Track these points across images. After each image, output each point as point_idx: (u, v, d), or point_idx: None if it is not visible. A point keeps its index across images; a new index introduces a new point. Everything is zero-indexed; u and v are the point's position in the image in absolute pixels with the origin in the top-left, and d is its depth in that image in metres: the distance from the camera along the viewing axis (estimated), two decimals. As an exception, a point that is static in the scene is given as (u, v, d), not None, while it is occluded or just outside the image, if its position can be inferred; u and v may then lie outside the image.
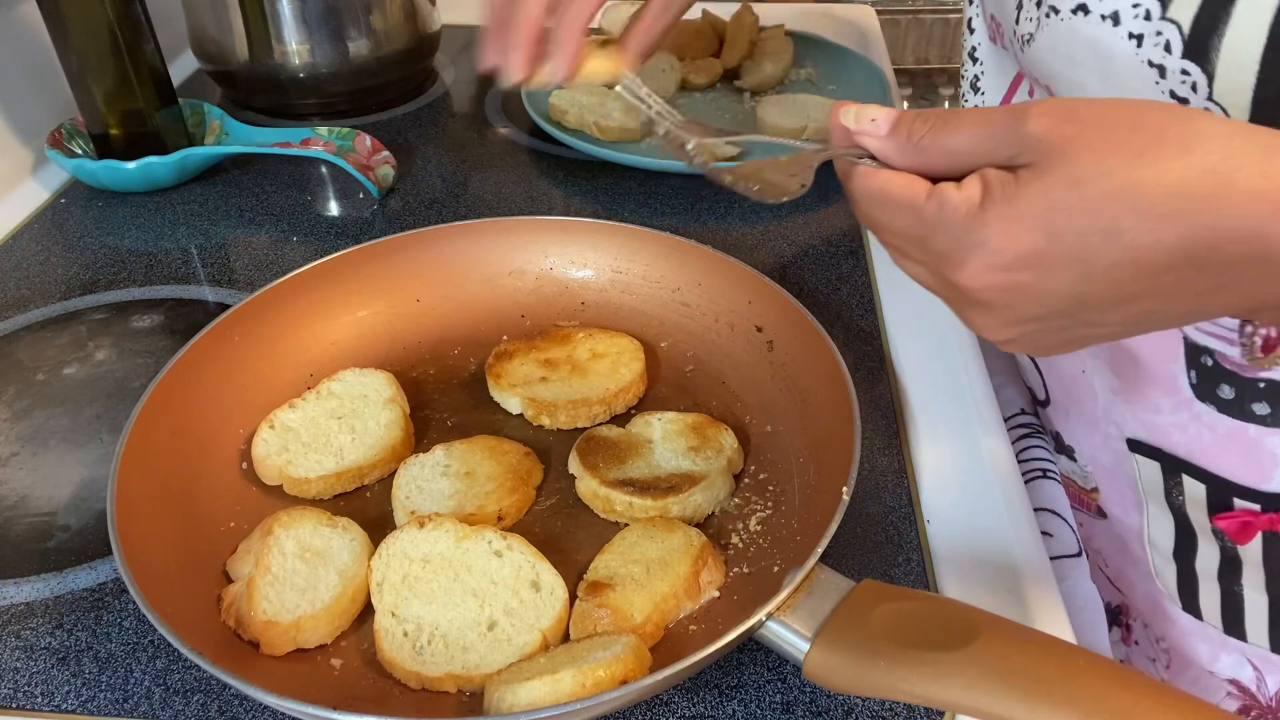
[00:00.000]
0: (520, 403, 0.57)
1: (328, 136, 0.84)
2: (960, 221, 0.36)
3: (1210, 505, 0.54)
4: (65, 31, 0.75)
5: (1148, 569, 0.61)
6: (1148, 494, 0.58)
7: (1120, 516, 0.62)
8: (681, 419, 0.55)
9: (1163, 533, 0.58)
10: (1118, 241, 0.33)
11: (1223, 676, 0.60)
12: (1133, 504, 0.60)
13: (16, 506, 0.54)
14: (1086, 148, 0.33)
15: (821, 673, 0.40)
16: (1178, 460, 0.54)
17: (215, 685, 0.44)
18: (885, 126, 0.39)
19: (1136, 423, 0.55)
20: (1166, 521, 0.58)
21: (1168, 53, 0.42)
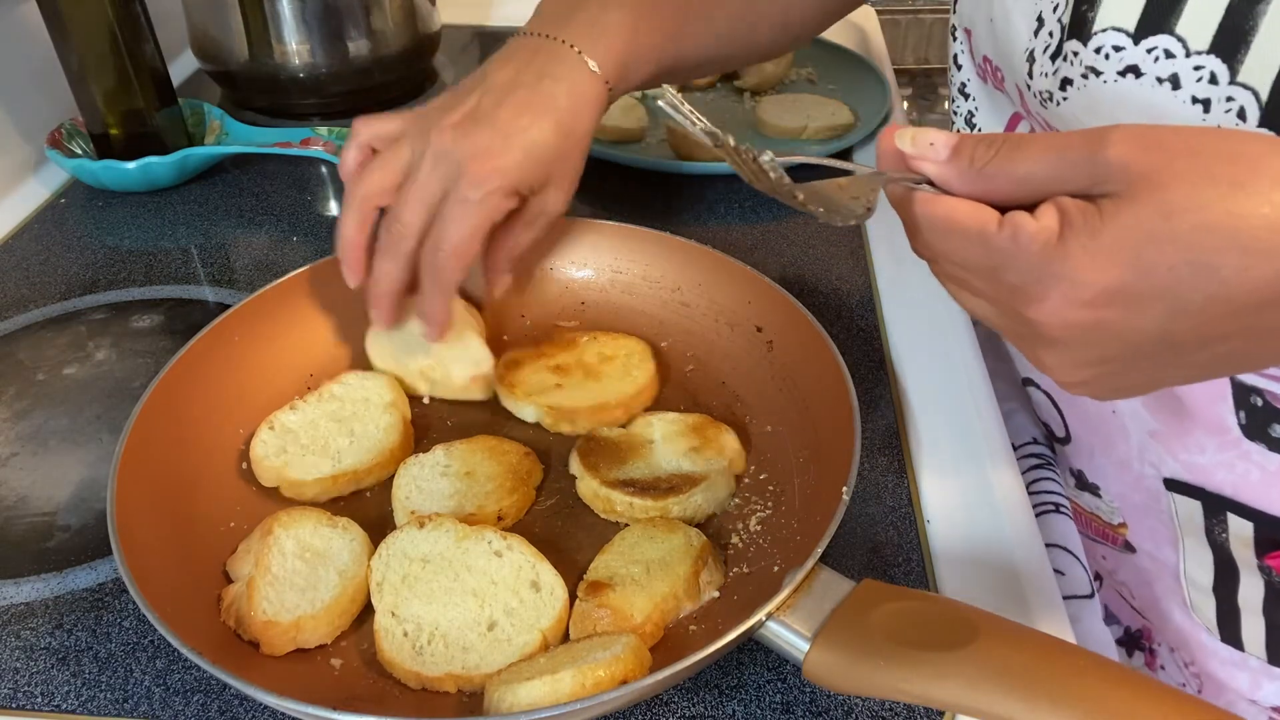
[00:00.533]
0: (538, 411, 0.57)
1: (328, 136, 0.84)
2: (1038, 253, 0.33)
3: (1258, 543, 0.52)
4: (65, 31, 0.75)
5: (1182, 601, 0.60)
6: (1185, 530, 0.56)
7: (1152, 552, 0.60)
8: (683, 419, 0.55)
9: (1201, 568, 0.57)
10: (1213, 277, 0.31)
11: (1266, 705, 0.58)
12: (1167, 540, 0.58)
13: (16, 506, 0.54)
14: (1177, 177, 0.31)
15: (821, 673, 0.40)
16: (1222, 499, 0.52)
17: (215, 685, 0.44)
18: (945, 151, 0.36)
19: (1176, 463, 0.53)
20: (1205, 556, 0.56)
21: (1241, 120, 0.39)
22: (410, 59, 0.97)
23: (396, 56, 0.95)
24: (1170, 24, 0.40)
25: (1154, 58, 0.41)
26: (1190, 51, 0.40)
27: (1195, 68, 0.40)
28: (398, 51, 0.95)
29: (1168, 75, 0.41)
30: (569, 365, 0.59)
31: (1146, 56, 0.42)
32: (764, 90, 0.98)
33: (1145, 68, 0.42)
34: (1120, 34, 0.42)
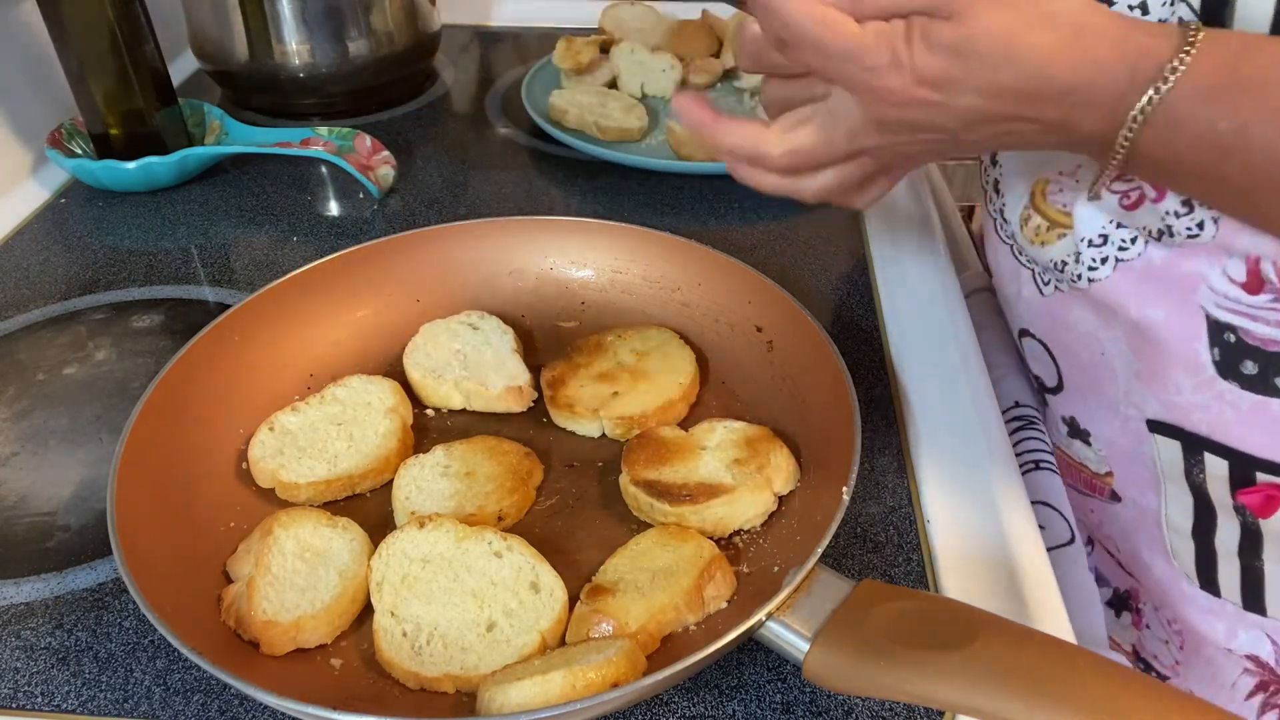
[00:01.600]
0: (606, 425, 0.56)
1: (328, 136, 0.84)
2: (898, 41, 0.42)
3: (1233, 481, 0.55)
4: (65, 31, 0.75)
5: (1164, 549, 0.61)
6: (1167, 474, 0.58)
7: (1136, 499, 0.62)
8: (744, 430, 0.53)
9: (1181, 512, 0.59)
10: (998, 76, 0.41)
11: (1240, 653, 0.60)
12: (1150, 485, 0.60)
13: (16, 506, 0.54)
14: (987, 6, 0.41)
15: (821, 673, 0.40)
16: (1199, 438, 0.55)
17: (215, 685, 0.44)
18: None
19: (1157, 403, 0.56)
20: (1185, 500, 0.58)
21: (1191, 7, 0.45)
22: (410, 59, 0.97)
23: (396, 56, 0.95)
24: None
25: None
26: None
27: None
28: (398, 51, 0.95)
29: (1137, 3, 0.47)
30: (613, 371, 0.59)
31: None
32: (764, 90, 0.98)
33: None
34: None
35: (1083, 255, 0.54)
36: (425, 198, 0.82)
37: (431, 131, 0.94)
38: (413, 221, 0.79)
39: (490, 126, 0.95)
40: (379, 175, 0.81)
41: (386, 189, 0.82)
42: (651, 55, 0.96)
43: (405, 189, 0.84)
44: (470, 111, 0.98)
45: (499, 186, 0.84)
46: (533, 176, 0.86)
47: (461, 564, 0.46)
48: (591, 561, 0.48)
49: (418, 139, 0.92)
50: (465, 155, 0.89)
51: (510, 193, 0.83)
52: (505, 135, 0.93)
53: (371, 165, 0.82)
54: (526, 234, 0.67)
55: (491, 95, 1.01)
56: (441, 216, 0.80)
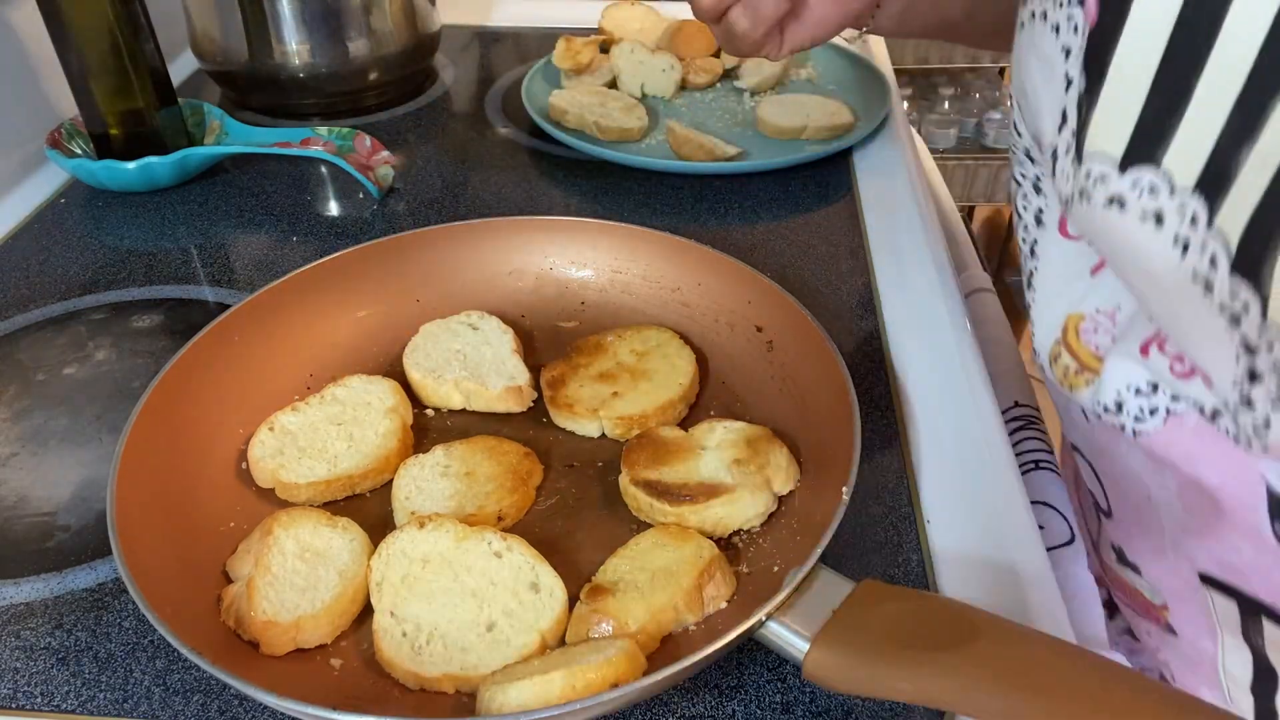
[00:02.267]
0: (606, 425, 0.56)
1: (328, 136, 0.84)
2: None
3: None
4: (65, 31, 0.75)
5: (1222, 694, 0.57)
6: (1223, 625, 0.53)
7: (1193, 640, 0.57)
8: (744, 429, 0.53)
9: (1240, 664, 0.54)
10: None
11: None
12: (1206, 630, 0.55)
13: (16, 506, 0.54)
14: None
15: (821, 673, 0.40)
16: (1258, 603, 0.50)
17: (215, 685, 0.44)
18: None
19: (1211, 560, 0.51)
20: (1243, 653, 0.53)
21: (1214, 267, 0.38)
22: (410, 59, 0.97)
23: (396, 56, 0.95)
24: (1158, 154, 0.38)
25: (1138, 192, 0.39)
26: (1175, 188, 0.38)
27: (1180, 206, 0.38)
28: (398, 51, 0.95)
29: (1152, 211, 0.39)
30: (613, 371, 0.59)
31: (1129, 189, 0.40)
32: (764, 90, 0.98)
33: (1129, 200, 0.40)
34: (1107, 161, 0.40)
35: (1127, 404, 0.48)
36: (425, 198, 0.82)
37: (431, 131, 0.94)
38: (413, 221, 0.79)
39: (490, 126, 0.95)
40: (379, 175, 0.81)
41: (386, 189, 0.82)
42: (651, 55, 0.96)
43: (405, 189, 0.84)
44: (470, 111, 0.98)
45: (499, 186, 0.84)
46: (533, 176, 0.86)
47: (461, 564, 0.46)
48: (591, 561, 0.48)
49: (418, 139, 0.92)
50: (465, 155, 0.89)
51: (510, 193, 0.83)
52: (505, 135, 0.93)
53: (371, 165, 0.82)
54: (526, 234, 0.67)
55: (491, 95, 1.01)
56: (441, 216, 0.80)
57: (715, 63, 1.00)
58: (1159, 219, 0.39)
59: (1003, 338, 0.78)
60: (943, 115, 2.42)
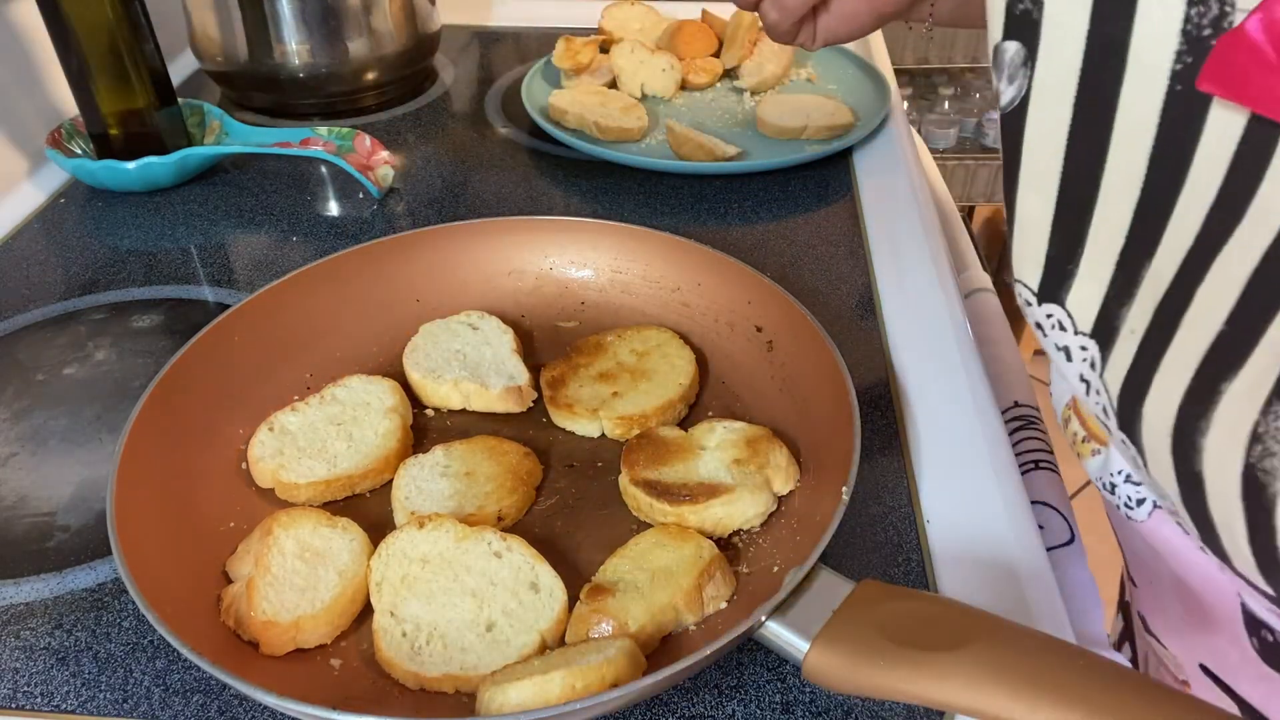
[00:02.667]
0: (606, 425, 0.56)
1: (328, 136, 0.84)
2: None
3: None
4: (65, 31, 0.75)
5: None
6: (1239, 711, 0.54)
7: None
8: (744, 429, 0.53)
9: None
10: None
11: None
12: None
13: (16, 506, 0.54)
14: None
15: (821, 673, 0.39)
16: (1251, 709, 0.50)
17: (215, 685, 0.44)
18: None
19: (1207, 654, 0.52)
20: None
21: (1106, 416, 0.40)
22: (410, 59, 0.97)
23: (396, 56, 0.95)
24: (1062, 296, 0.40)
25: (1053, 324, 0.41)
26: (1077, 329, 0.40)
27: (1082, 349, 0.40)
28: (398, 51, 0.95)
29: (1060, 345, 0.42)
30: (613, 371, 0.59)
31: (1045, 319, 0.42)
32: (764, 90, 0.98)
33: (1045, 329, 0.42)
34: (1026, 289, 0.43)
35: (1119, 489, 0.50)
36: (425, 198, 0.82)
37: (431, 131, 0.94)
38: (413, 221, 0.79)
39: (490, 126, 0.95)
40: (379, 175, 0.81)
41: (386, 189, 0.82)
42: (651, 55, 0.96)
43: (405, 189, 0.84)
44: (470, 111, 0.98)
45: (499, 186, 0.84)
46: (533, 176, 0.86)
47: (461, 564, 0.46)
48: (591, 561, 0.48)
49: (418, 139, 0.92)
50: (465, 155, 0.89)
51: (510, 193, 0.83)
52: (505, 135, 0.93)
53: (371, 165, 0.82)
54: (526, 234, 0.67)
55: (491, 95, 1.01)
56: (441, 216, 0.80)
57: (715, 63, 1.00)
58: (1068, 354, 0.41)
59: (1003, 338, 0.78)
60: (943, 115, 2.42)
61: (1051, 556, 0.52)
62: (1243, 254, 0.32)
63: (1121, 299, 0.38)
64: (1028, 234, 0.41)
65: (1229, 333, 0.33)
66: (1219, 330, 0.33)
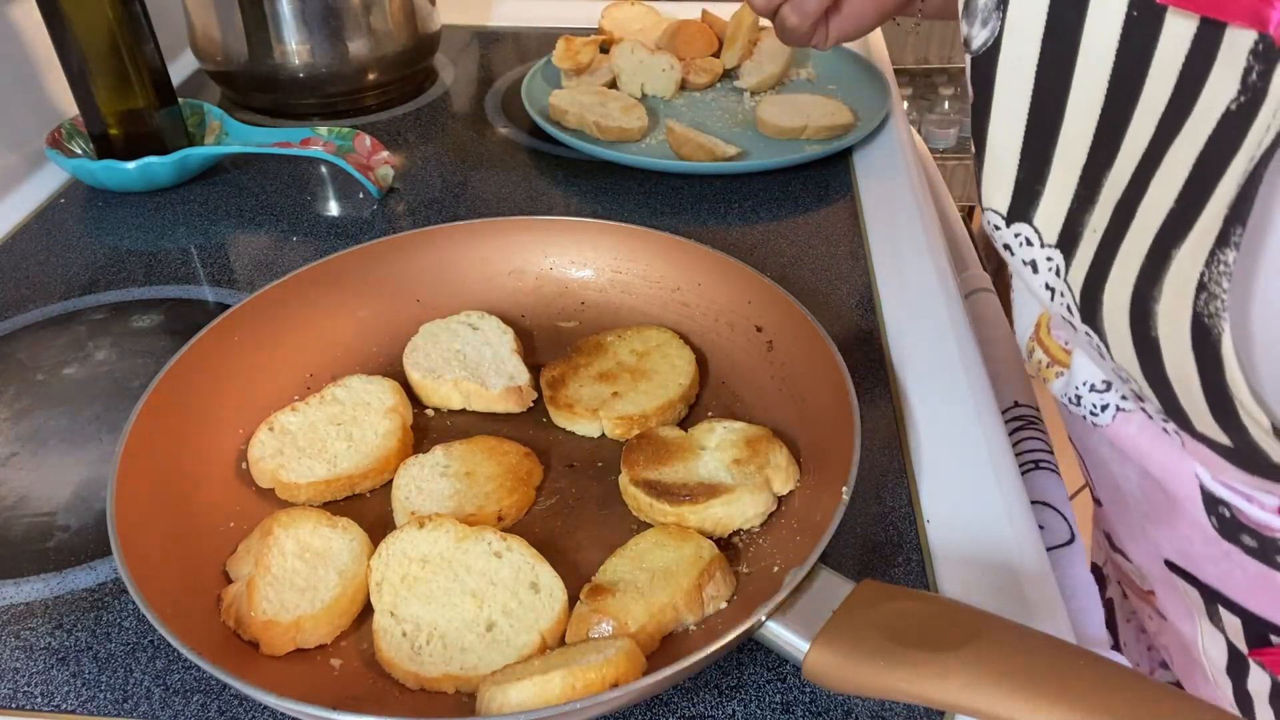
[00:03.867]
0: (606, 425, 0.56)
1: (328, 136, 0.84)
2: None
3: (1248, 639, 0.54)
4: (65, 31, 0.75)
5: (1207, 679, 0.61)
6: (1196, 610, 0.58)
7: (1176, 623, 0.61)
8: (744, 430, 0.53)
9: (1216, 648, 0.58)
10: None
11: None
12: (1185, 614, 0.59)
13: (16, 506, 0.54)
14: None
15: (821, 673, 0.40)
16: (1214, 591, 0.54)
17: (215, 685, 0.44)
18: None
19: (1172, 548, 0.55)
20: (1217, 639, 0.57)
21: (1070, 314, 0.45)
22: (410, 59, 0.97)
23: (396, 56, 0.95)
24: (1030, 214, 0.46)
25: (1020, 241, 0.47)
26: (1044, 243, 0.46)
27: (1048, 259, 0.46)
28: (398, 51, 0.95)
29: (1029, 260, 0.47)
30: (613, 371, 0.59)
31: (1014, 239, 0.47)
32: (764, 90, 0.98)
33: (1014, 249, 0.47)
34: (996, 215, 0.48)
35: (1084, 399, 0.54)
36: (425, 198, 0.82)
37: (431, 131, 0.94)
38: (413, 221, 0.79)
39: (490, 126, 0.95)
40: (379, 175, 0.81)
41: (386, 189, 0.82)
42: (651, 55, 0.96)
43: (405, 189, 0.84)
44: (470, 111, 0.98)
45: (499, 186, 0.84)
46: (533, 176, 0.86)
47: (461, 564, 0.46)
48: (591, 561, 0.48)
49: (418, 139, 0.92)
50: (465, 155, 0.89)
51: (510, 193, 0.83)
52: (505, 135, 0.93)
53: (371, 165, 0.82)
54: (526, 234, 0.67)
55: (491, 95, 1.01)
56: (441, 216, 0.80)
57: (715, 63, 1.00)
58: (1034, 267, 0.47)
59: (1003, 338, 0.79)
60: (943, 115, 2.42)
61: (1051, 556, 0.52)
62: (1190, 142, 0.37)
63: (1084, 207, 0.43)
64: (998, 163, 0.46)
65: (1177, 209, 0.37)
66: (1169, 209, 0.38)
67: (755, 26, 1.01)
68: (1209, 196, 0.36)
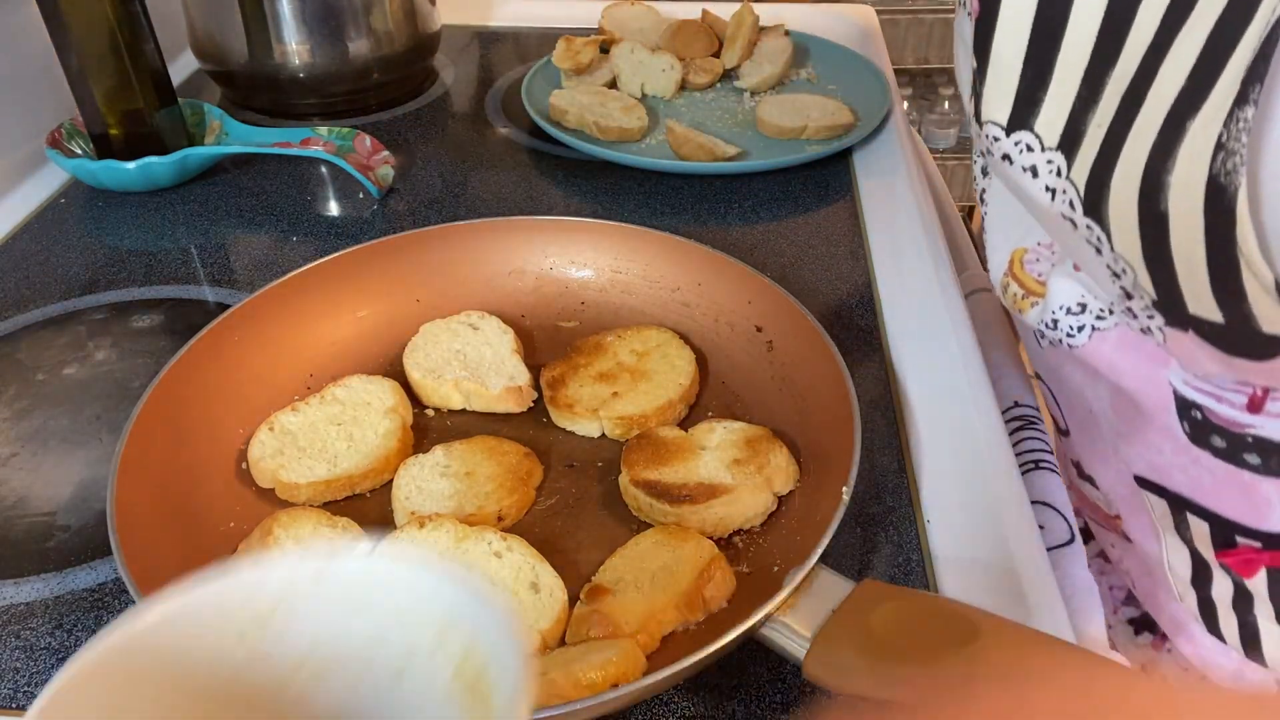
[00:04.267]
0: (606, 425, 0.56)
1: (328, 136, 0.84)
2: None
3: (1215, 542, 0.56)
4: (65, 31, 0.75)
5: (1172, 593, 0.62)
6: (1162, 526, 0.59)
7: (1142, 543, 0.63)
8: (744, 430, 0.53)
9: (1180, 562, 0.60)
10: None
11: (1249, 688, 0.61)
12: (1151, 533, 0.61)
13: (16, 506, 0.54)
14: None
15: (821, 673, 0.40)
16: (1182, 499, 0.56)
17: (215, 685, 0.44)
18: None
19: (1142, 461, 0.57)
20: (1183, 552, 0.59)
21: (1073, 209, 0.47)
22: (410, 59, 0.97)
23: (396, 56, 0.95)
24: (1031, 121, 0.48)
25: (1019, 149, 0.49)
26: (1044, 147, 0.48)
27: (1048, 161, 0.48)
28: (398, 51, 0.95)
29: (1029, 165, 0.49)
30: (613, 371, 0.59)
31: (1014, 148, 0.49)
32: (764, 90, 0.98)
33: (1014, 157, 0.50)
34: (997, 127, 0.50)
35: (1061, 322, 0.55)
36: (425, 198, 0.82)
37: (431, 131, 0.94)
38: (413, 221, 0.79)
39: (490, 126, 0.95)
40: (379, 175, 0.81)
41: (386, 189, 0.82)
42: (651, 55, 0.96)
43: (405, 189, 0.84)
44: (470, 111, 0.98)
45: (499, 186, 0.84)
46: (533, 176, 0.86)
47: (461, 564, 0.46)
48: (591, 561, 0.48)
49: (418, 139, 0.92)
50: (465, 155, 0.89)
51: (510, 193, 0.83)
52: (505, 135, 0.93)
53: (371, 165, 0.82)
54: (526, 234, 0.67)
55: (491, 95, 1.01)
56: (441, 216, 0.80)
57: (715, 63, 1.00)
58: (1034, 172, 0.49)
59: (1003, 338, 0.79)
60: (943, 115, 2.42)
61: (1051, 556, 0.52)
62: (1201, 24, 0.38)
63: (1087, 108, 0.45)
64: (1000, 75, 0.49)
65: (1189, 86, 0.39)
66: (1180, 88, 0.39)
67: (755, 26, 1.01)
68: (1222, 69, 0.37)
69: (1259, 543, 0.54)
